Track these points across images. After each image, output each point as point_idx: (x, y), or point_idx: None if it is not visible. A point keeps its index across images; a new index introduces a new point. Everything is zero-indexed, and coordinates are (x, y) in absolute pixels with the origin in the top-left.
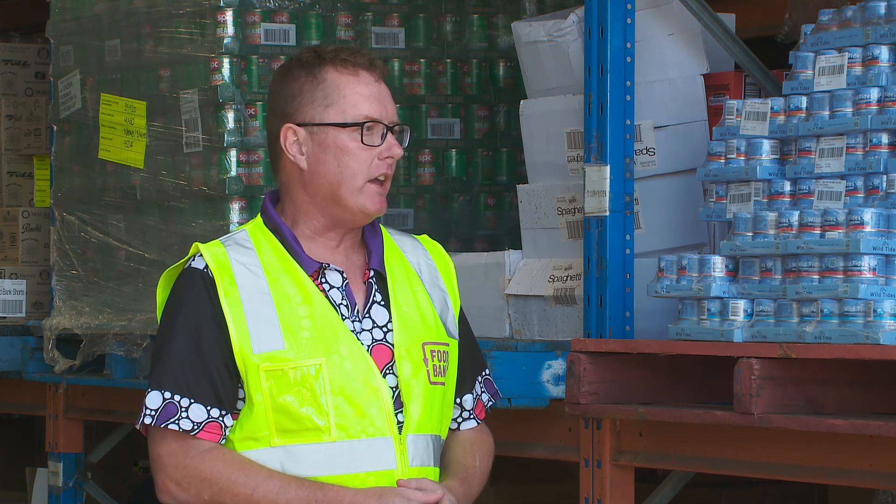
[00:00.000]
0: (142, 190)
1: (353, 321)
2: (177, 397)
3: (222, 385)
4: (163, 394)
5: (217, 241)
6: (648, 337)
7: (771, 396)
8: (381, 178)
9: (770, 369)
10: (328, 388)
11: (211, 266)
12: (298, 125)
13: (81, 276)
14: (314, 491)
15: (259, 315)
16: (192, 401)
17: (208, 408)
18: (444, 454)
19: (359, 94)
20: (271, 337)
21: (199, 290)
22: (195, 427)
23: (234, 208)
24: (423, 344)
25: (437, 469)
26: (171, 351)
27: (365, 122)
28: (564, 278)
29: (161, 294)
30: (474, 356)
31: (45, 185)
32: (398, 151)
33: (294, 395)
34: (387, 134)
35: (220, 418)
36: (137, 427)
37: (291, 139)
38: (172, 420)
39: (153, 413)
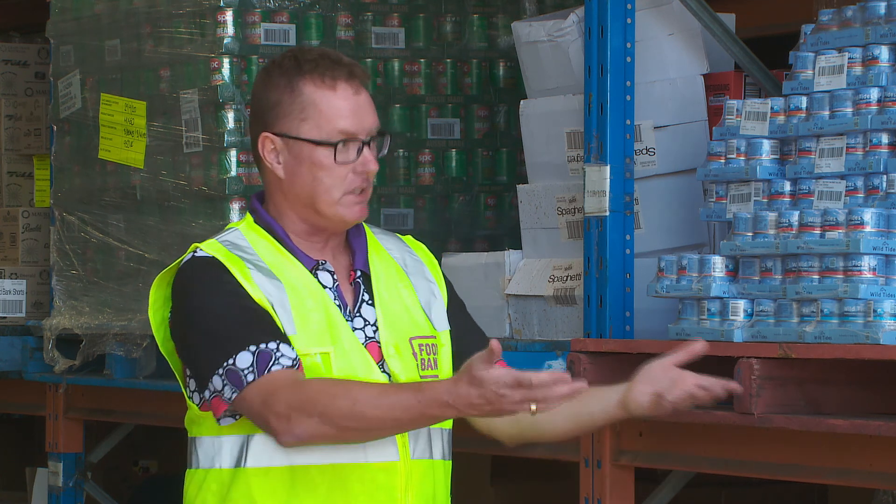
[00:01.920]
0: (142, 190)
1: (346, 320)
2: (263, 345)
3: (278, 326)
4: (249, 349)
5: (213, 239)
6: (648, 337)
7: (771, 396)
8: (357, 190)
9: (770, 369)
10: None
11: (218, 256)
12: (275, 135)
13: (81, 276)
14: (413, 392)
15: (273, 298)
16: (279, 342)
17: (290, 346)
18: None
19: (335, 109)
20: (285, 322)
21: (216, 269)
22: (293, 363)
23: (234, 208)
24: (411, 339)
25: (443, 462)
26: (230, 315)
27: (339, 141)
28: (564, 278)
29: (154, 293)
30: (458, 341)
31: (45, 185)
32: (373, 168)
33: None
34: (363, 148)
35: (298, 358)
36: (229, 398)
37: (269, 147)
38: (272, 364)
39: (251, 369)
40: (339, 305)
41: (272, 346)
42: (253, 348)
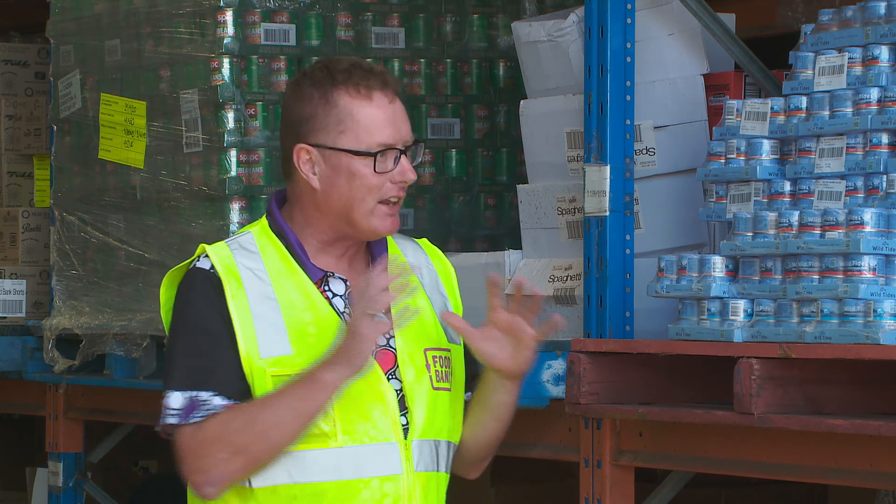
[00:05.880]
0: (142, 190)
1: None
2: (198, 393)
3: (237, 378)
4: (183, 393)
5: (223, 243)
6: (648, 337)
7: (771, 396)
8: (394, 199)
9: (770, 369)
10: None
11: (218, 269)
12: (311, 146)
13: (81, 276)
14: (298, 378)
15: (266, 320)
16: (214, 393)
17: (228, 399)
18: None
19: (372, 119)
20: (278, 342)
21: (206, 289)
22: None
23: (234, 208)
24: (425, 350)
25: (444, 475)
26: (185, 349)
27: (378, 151)
28: (564, 278)
29: (165, 294)
30: (473, 361)
31: (45, 185)
32: (412, 177)
33: None
34: (400, 158)
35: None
36: (158, 429)
37: (304, 158)
38: (196, 414)
39: (178, 412)
40: (348, 314)
41: (203, 395)
42: (189, 393)
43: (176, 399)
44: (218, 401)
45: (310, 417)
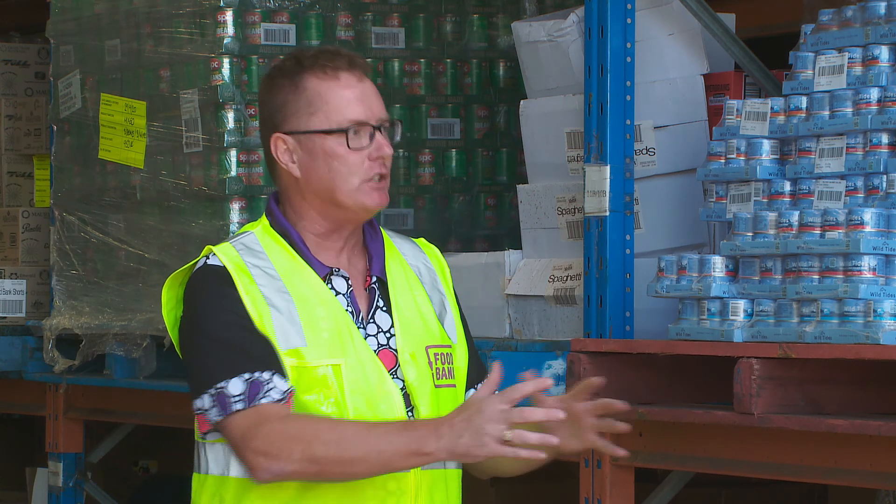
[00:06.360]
0: (142, 190)
1: (358, 327)
2: (257, 374)
3: (280, 358)
4: (241, 377)
5: (227, 243)
6: (648, 337)
7: (771, 396)
8: (376, 177)
9: (770, 369)
10: (347, 389)
11: (228, 267)
12: (286, 134)
13: (81, 276)
14: (402, 429)
15: (282, 312)
16: (272, 372)
17: (285, 379)
18: None
19: (341, 98)
20: (294, 334)
21: (220, 283)
22: (283, 396)
23: (234, 208)
24: (427, 347)
25: (454, 471)
26: (221, 337)
27: (349, 127)
28: (564, 278)
29: (167, 294)
30: (478, 362)
31: (45, 185)
32: (388, 151)
33: (316, 393)
34: (374, 134)
35: (291, 388)
36: (213, 421)
37: (282, 148)
38: (262, 395)
39: (241, 397)
40: (351, 312)
41: (265, 375)
42: (246, 376)
43: (235, 385)
44: (278, 380)
45: (393, 470)
